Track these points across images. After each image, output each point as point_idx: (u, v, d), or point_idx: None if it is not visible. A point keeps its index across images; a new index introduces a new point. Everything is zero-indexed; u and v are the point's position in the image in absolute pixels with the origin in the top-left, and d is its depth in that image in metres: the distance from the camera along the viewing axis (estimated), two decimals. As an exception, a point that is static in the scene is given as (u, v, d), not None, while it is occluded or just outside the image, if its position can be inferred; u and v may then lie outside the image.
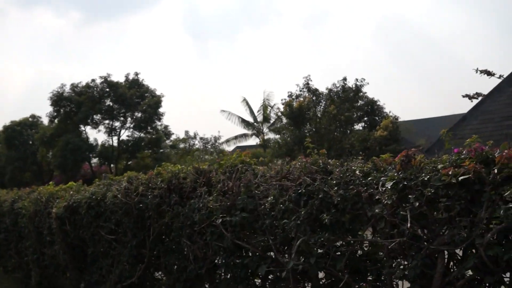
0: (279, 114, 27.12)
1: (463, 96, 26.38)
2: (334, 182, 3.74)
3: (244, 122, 36.14)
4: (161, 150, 29.33)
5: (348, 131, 20.57)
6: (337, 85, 20.13)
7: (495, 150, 3.25)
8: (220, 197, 4.71)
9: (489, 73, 25.07)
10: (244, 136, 36.71)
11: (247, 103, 37.07)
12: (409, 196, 3.18)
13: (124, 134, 30.13)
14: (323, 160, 4.25)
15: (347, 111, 19.18)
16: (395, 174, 3.38)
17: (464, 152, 3.28)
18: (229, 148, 41.40)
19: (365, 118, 22.47)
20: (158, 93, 30.42)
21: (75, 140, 27.80)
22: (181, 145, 33.92)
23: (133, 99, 28.90)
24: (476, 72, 25.90)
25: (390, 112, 21.71)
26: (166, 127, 31.47)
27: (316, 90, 19.83)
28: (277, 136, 21.89)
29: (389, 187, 3.33)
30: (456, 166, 3.13)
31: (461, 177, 2.98)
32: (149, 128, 29.41)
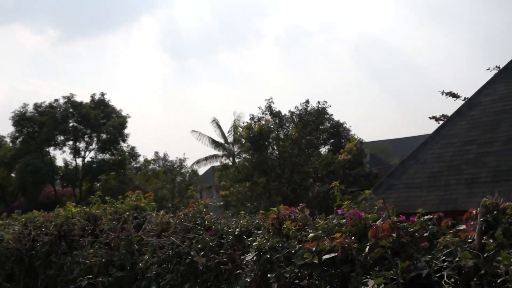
0: (239, 137, 26.74)
1: (430, 118, 26.08)
2: (200, 246, 3.20)
3: (214, 143, 35.50)
4: (127, 172, 28.54)
5: (312, 155, 20.10)
6: (299, 107, 19.72)
7: (382, 214, 2.73)
8: (101, 250, 4.13)
9: (454, 95, 24.96)
10: (215, 157, 36.05)
11: (217, 124, 36.51)
12: (268, 275, 2.64)
13: (89, 156, 29.33)
14: (206, 213, 3.73)
15: (309, 134, 18.73)
16: (263, 241, 2.85)
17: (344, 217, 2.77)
18: (200, 169, 40.72)
19: (331, 141, 22.13)
20: (124, 113, 29.83)
21: (35, 162, 26.88)
22: (150, 167, 33.13)
23: (97, 120, 28.16)
24: (442, 94, 25.70)
25: (354, 134, 21.42)
26: (132, 148, 30.81)
27: (279, 112, 19.39)
28: (238, 160, 21.36)
29: (253, 259, 2.79)
30: (334, 235, 2.63)
31: (325, 256, 2.45)
32: (113, 149, 28.61)
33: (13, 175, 31.02)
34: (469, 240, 2.30)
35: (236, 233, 3.27)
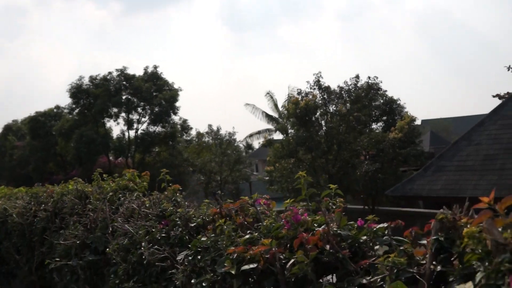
0: (283, 113, 26.15)
1: (493, 96, 24.53)
2: (148, 237, 2.87)
3: (268, 117, 35.18)
4: (179, 144, 28.75)
5: (362, 132, 19.32)
6: (349, 82, 18.90)
7: (330, 217, 2.26)
8: (78, 231, 3.88)
9: (521, 71, 23.23)
10: (268, 131, 35.74)
11: (272, 97, 36.07)
12: (192, 280, 2.24)
13: (141, 128, 29.75)
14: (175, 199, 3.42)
15: (358, 110, 17.96)
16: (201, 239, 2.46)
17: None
18: (255, 142, 40.67)
19: (384, 118, 21.20)
20: (176, 86, 29.91)
21: (89, 133, 27.57)
22: (203, 139, 33.23)
23: (149, 92, 28.43)
24: (508, 69, 24.10)
25: (407, 112, 20.36)
26: (185, 121, 30.91)
27: (328, 87, 18.67)
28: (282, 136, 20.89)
29: (185, 259, 2.40)
30: (273, 237, 2.21)
31: (244, 267, 2.02)
32: (164, 122, 28.87)
33: (71, 145, 32.03)
34: (422, 262, 1.78)
35: (192, 225, 2.92)
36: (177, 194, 3.67)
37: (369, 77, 18.92)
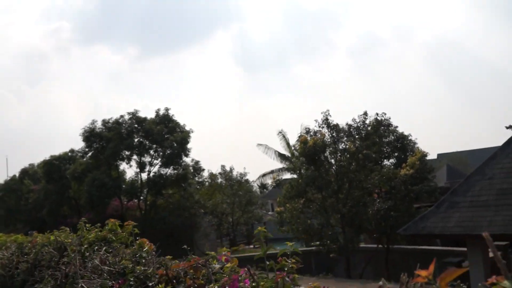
0: (295, 152, 25.96)
1: (507, 128, 24.24)
2: None
3: (281, 156, 35.04)
4: (189, 187, 28.68)
5: (374, 170, 19.04)
6: (357, 120, 18.78)
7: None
8: (49, 286, 3.70)
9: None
10: (280, 170, 35.53)
11: (284, 136, 36.05)
12: None
13: (153, 170, 29.82)
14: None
15: (367, 148, 17.74)
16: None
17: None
18: (267, 182, 40.40)
19: (396, 154, 20.94)
20: (187, 128, 30.06)
21: (101, 176, 27.68)
22: (217, 181, 33.09)
23: (160, 135, 28.60)
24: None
25: (418, 147, 20.09)
26: (197, 162, 30.94)
27: (336, 125, 18.55)
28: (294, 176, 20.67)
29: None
30: None
31: None
32: (176, 164, 28.90)
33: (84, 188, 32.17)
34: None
35: (150, 284, 2.73)
36: (144, 249, 3.46)
37: (377, 114, 18.87)
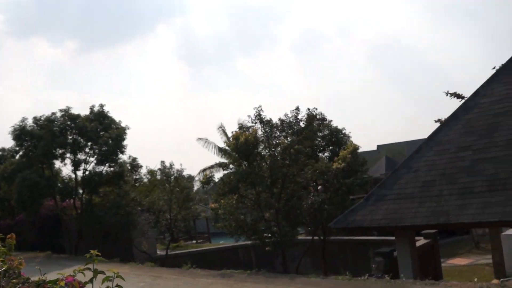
0: (226, 148, 25.89)
1: (435, 121, 24.85)
2: None
3: (221, 151, 34.86)
4: (124, 184, 27.95)
5: (307, 164, 19.20)
6: (289, 115, 18.85)
7: None
8: None
9: (459, 96, 23.71)
10: (221, 165, 35.33)
11: (224, 131, 35.84)
12: None
13: (89, 168, 28.82)
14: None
15: (299, 143, 17.86)
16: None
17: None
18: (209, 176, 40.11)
19: (330, 148, 21.23)
20: (123, 124, 29.22)
21: (32, 176, 26.52)
22: (157, 177, 32.31)
23: (95, 132, 27.68)
24: (447, 95, 24.41)
25: (351, 141, 20.42)
26: (134, 159, 30.20)
27: (269, 121, 18.54)
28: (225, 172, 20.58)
29: None
30: None
31: None
32: (111, 162, 28.07)
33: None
34: None
35: None
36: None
37: (308, 109, 19.08)
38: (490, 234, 17.55)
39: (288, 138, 18.31)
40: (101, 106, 29.56)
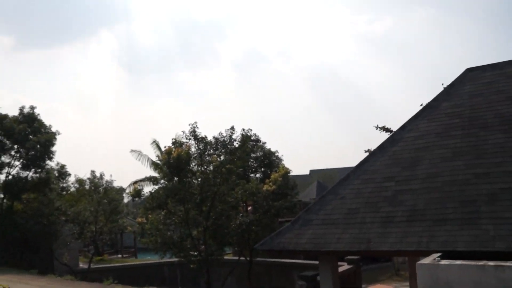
0: (159, 162, 25.64)
1: (365, 151, 25.74)
2: None
3: (154, 164, 34.39)
4: (50, 192, 26.87)
5: (239, 184, 19.31)
6: (224, 134, 18.94)
7: None
8: None
9: (387, 130, 24.74)
10: (153, 179, 34.79)
11: (158, 145, 35.42)
12: None
13: (12, 172, 27.54)
14: None
15: (231, 162, 17.94)
16: None
17: None
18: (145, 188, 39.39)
19: (262, 169, 21.44)
20: (53, 129, 28.27)
21: None
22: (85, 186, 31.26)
23: (22, 135, 26.57)
24: (376, 128, 25.35)
25: (282, 165, 20.77)
26: (62, 166, 29.18)
27: (204, 138, 18.53)
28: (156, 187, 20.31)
29: None
30: None
31: None
32: (37, 167, 26.99)
33: None
34: None
35: None
36: None
37: (243, 129, 19.28)
38: (409, 262, 18.24)
39: (221, 157, 18.34)
40: (32, 108, 28.54)
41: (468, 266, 8.67)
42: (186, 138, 18.40)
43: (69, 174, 29.42)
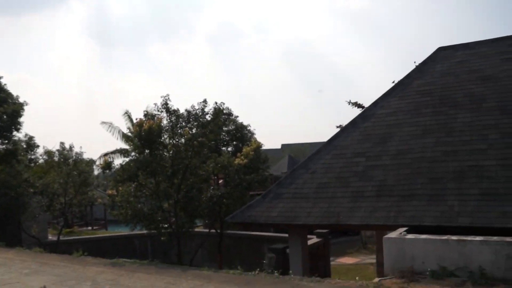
0: (130, 135, 25.44)
1: (337, 127, 25.87)
2: None
3: (125, 137, 34.01)
4: (17, 164, 26.27)
5: (210, 157, 19.29)
6: (197, 107, 18.80)
7: None
8: None
9: (359, 106, 24.95)
10: (124, 151, 34.48)
11: (129, 117, 34.97)
12: None
13: (-22, 143, 26.80)
14: None
15: (203, 135, 17.87)
16: None
17: None
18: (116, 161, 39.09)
19: (234, 143, 21.43)
20: (21, 100, 27.52)
21: None
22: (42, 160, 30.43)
23: (-13, 105, 25.81)
24: (349, 104, 25.54)
25: (255, 138, 20.81)
26: (30, 138, 28.49)
27: (176, 111, 18.36)
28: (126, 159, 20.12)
29: None
30: None
31: None
32: (5, 138, 26.35)
33: None
34: None
35: None
36: None
37: (216, 102, 19.18)
38: (376, 236, 18.68)
39: (193, 130, 18.23)
40: (-2, 77, 27.63)
41: (432, 240, 8.91)
42: (158, 111, 18.21)
43: (38, 146, 28.77)
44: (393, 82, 20.84)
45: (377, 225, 12.13)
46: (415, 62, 23.90)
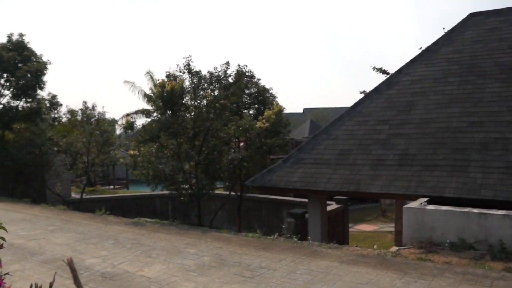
0: (152, 95, 25.44)
1: (360, 92, 25.52)
2: None
3: (148, 97, 34.20)
4: (41, 122, 26.59)
5: (232, 120, 19.26)
6: (219, 69, 18.65)
7: None
8: None
9: (384, 72, 24.48)
10: (144, 112, 34.74)
11: (151, 77, 35.03)
12: None
13: (2, 101, 27.14)
14: None
15: (225, 98, 17.78)
16: None
17: None
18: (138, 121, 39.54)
19: (256, 106, 21.32)
20: (45, 59, 27.61)
21: None
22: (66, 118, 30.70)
23: (12, 63, 25.95)
24: (373, 69, 25.10)
25: (276, 102, 20.61)
26: (54, 96, 28.74)
27: (198, 72, 18.25)
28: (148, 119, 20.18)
29: None
30: None
31: None
32: (28, 97, 26.61)
33: None
34: None
35: None
36: None
37: (239, 65, 19.00)
38: (396, 204, 18.62)
39: (215, 92, 18.16)
40: (21, 35, 27.70)
41: (453, 212, 8.83)
42: (180, 72, 18.12)
43: (61, 105, 29.05)
44: (420, 48, 20.35)
45: (397, 194, 12.06)
46: (444, 28, 23.27)
